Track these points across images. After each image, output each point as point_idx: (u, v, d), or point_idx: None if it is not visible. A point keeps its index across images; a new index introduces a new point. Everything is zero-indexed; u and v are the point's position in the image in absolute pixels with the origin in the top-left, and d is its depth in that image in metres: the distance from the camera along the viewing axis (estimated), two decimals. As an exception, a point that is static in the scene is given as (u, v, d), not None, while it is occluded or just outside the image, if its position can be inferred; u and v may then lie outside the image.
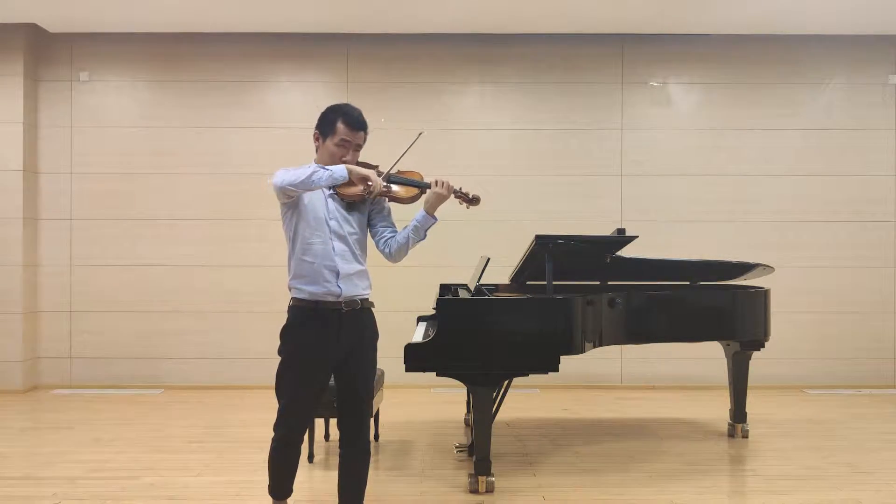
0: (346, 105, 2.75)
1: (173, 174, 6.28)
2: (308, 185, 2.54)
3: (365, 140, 2.77)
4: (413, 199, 2.80)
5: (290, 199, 2.63)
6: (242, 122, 6.30)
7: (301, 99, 6.33)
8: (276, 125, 6.30)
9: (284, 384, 2.72)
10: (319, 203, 2.70)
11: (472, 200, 2.89)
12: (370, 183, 2.56)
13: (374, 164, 2.81)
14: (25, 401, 5.78)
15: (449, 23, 6.03)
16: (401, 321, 4.82)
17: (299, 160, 3.22)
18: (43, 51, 6.25)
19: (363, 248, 2.78)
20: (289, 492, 2.82)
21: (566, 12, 5.82)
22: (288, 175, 2.55)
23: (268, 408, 5.40)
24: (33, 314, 6.21)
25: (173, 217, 6.28)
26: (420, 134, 2.89)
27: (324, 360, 2.68)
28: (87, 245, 6.26)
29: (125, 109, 6.32)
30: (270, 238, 6.13)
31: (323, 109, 2.77)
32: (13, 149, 6.05)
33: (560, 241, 3.75)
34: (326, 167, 2.56)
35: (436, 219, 2.79)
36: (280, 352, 2.72)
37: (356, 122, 2.71)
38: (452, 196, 2.85)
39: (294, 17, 5.90)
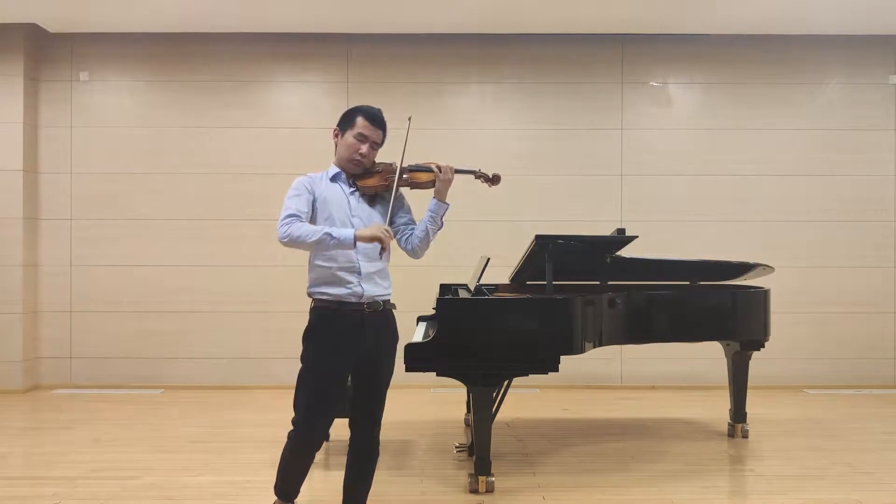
0: (367, 105, 2.80)
1: (173, 174, 6.28)
2: (315, 247, 2.55)
3: (383, 140, 2.79)
4: (434, 183, 2.84)
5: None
6: (242, 122, 6.30)
7: (301, 99, 6.32)
8: (276, 125, 6.30)
9: (307, 386, 2.65)
10: (340, 201, 2.70)
11: (493, 179, 2.97)
12: (383, 240, 2.52)
13: (389, 161, 2.81)
14: (25, 401, 5.78)
15: (449, 23, 6.03)
16: (401, 321, 4.80)
17: (298, 160, 3.22)
18: (43, 51, 6.25)
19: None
20: (296, 493, 2.79)
21: (566, 12, 5.82)
22: (293, 232, 2.53)
23: (268, 408, 5.43)
24: (33, 314, 6.21)
25: (173, 217, 6.28)
26: (409, 118, 2.90)
27: (346, 360, 2.65)
28: (87, 245, 6.26)
29: (125, 109, 6.32)
30: (270, 238, 6.11)
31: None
32: (13, 149, 6.05)
33: (560, 241, 3.75)
34: (334, 235, 2.52)
35: (448, 204, 2.83)
36: (303, 356, 2.68)
37: (375, 119, 2.74)
38: (473, 177, 2.97)
39: (294, 17, 5.90)
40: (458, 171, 2.85)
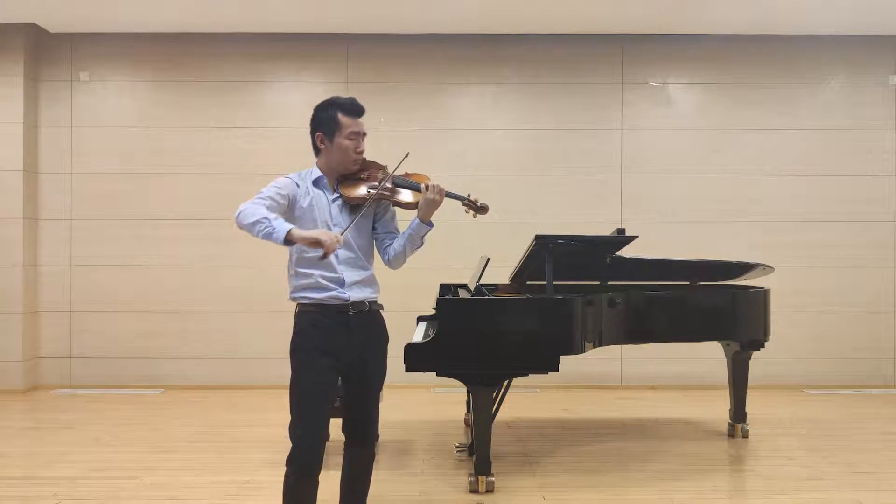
0: (336, 97, 2.66)
1: (173, 174, 6.28)
2: (251, 230, 2.40)
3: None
4: (416, 205, 2.67)
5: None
6: (242, 122, 6.30)
7: (301, 99, 6.32)
8: (276, 125, 6.30)
9: (297, 396, 2.50)
10: (322, 208, 2.60)
11: (480, 209, 2.76)
12: (324, 244, 2.30)
13: (383, 164, 2.74)
14: (25, 401, 5.78)
15: (449, 23, 6.03)
16: (401, 321, 4.81)
17: (298, 160, 3.22)
18: (43, 51, 6.25)
19: (369, 252, 2.67)
20: None
21: (566, 12, 5.82)
22: (243, 215, 2.43)
23: (268, 408, 5.43)
24: (33, 314, 6.21)
25: (173, 217, 6.27)
26: (407, 154, 2.75)
27: (334, 361, 2.53)
28: (87, 245, 6.26)
29: (125, 109, 6.32)
30: (270, 238, 6.11)
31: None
32: (13, 149, 6.05)
33: (560, 241, 3.75)
34: (272, 223, 2.36)
35: (431, 225, 2.63)
36: (292, 365, 2.55)
37: (356, 109, 2.63)
38: (460, 203, 2.76)
39: (294, 17, 5.90)
40: (447, 196, 2.66)
